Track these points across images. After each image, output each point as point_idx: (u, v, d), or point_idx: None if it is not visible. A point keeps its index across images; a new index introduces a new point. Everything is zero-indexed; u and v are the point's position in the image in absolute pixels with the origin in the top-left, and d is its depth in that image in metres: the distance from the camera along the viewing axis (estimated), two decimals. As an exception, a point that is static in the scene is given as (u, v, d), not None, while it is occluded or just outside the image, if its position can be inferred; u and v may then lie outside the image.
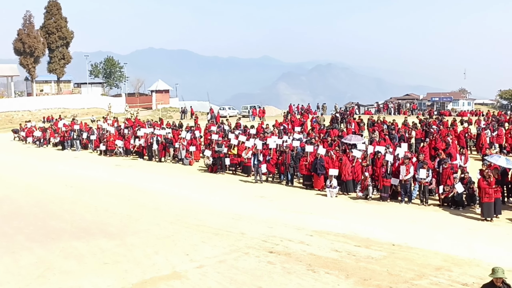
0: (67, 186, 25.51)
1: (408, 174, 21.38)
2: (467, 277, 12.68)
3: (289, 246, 15.42)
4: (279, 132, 33.69)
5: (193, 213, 19.87)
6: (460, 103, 76.48)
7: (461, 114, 55.24)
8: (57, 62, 72.36)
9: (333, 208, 20.89)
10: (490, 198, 18.66)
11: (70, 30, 73.60)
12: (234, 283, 12.53)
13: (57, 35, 71.33)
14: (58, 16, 71.99)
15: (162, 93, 77.56)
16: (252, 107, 60.90)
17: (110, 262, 14.20)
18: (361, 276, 12.88)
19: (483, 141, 29.43)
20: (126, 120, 47.46)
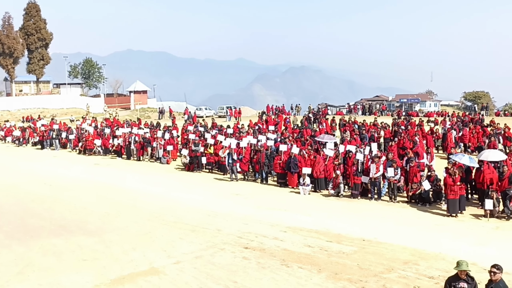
0: (46, 185, 25.12)
1: (377, 172, 21.56)
2: (433, 270, 12.84)
3: (264, 242, 15.42)
4: (254, 132, 33.69)
5: (170, 210, 19.76)
6: (427, 104, 77.31)
7: (428, 115, 55.86)
8: (36, 63, 71.28)
9: (306, 205, 20.97)
10: (455, 195, 18.92)
11: (49, 31, 72.53)
12: (211, 278, 12.50)
13: (36, 37, 70.26)
14: (37, 18, 70.88)
15: (140, 94, 76.97)
16: (228, 107, 60.77)
17: (88, 258, 14.04)
18: (332, 270, 12.94)
19: (448, 140, 29.84)
20: (105, 120, 46.97)
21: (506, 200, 18.59)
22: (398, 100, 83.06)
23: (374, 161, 21.92)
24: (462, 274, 8.64)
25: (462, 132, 31.89)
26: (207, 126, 38.53)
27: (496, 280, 8.43)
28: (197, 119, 50.16)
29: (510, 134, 30.13)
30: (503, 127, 31.62)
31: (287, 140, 27.98)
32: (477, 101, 76.95)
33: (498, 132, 30.58)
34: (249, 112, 67.08)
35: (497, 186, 19.36)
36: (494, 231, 16.95)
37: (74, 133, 38.58)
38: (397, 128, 32.37)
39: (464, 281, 8.61)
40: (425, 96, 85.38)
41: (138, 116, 56.88)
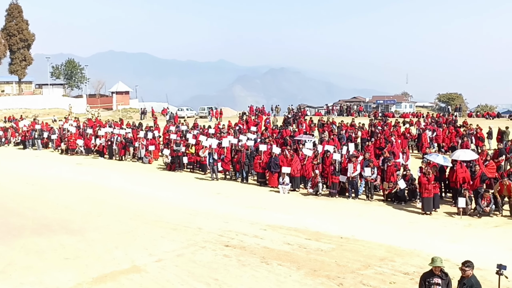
0: (29, 184, 24.80)
1: (355, 172, 21.69)
2: (409, 267, 12.96)
3: (244, 240, 15.43)
4: (234, 132, 33.66)
5: (152, 209, 19.65)
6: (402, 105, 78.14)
7: (403, 116, 56.28)
8: (19, 63, 70.37)
9: (285, 203, 21.01)
10: (430, 193, 19.13)
11: (31, 32, 71.64)
12: (192, 275, 12.47)
13: (18, 37, 69.35)
14: (19, 19, 69.99)
15: (122, 95, 76.41)
16: (209, 108, 60.60)
17: (71, 257, 13.90)
18: (311, 267, 12.99)
19: (423, 140, 30.14)
20: (87, 120, 46.53)
21: (478, 199, 18.83)
22: (374, 101, 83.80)
23: (351, 160, 22.04)
24: (436, 270, 8.73)
25: (436, 132, 32.26)
26: (188, 126, 38.38)
27: (467, 276, 8.54)
28: (178, 119, 49.92)
29: (482, 134, 30.55)
30: (475, 127, 32.04)
31: (267, 140, 28.03)
32: (450, 103, 77.91)
33: (471, 133, 30.97)
34: (230, 113, 66.94)
35: (469, 185, 19.63)
36: (466, 229, 17.16)
37: (56, 133, 38.17)
38: (373, 128, 32.63)
39: (438, 277, 8.70)
40: (400, 98, 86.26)
41: (120, 117, 56.39)
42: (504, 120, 50.57)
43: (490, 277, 10.56)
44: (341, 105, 71.25)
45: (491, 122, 46.02)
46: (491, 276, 10.36)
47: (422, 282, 8.89)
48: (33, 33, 72.19)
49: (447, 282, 8.71)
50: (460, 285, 8.62)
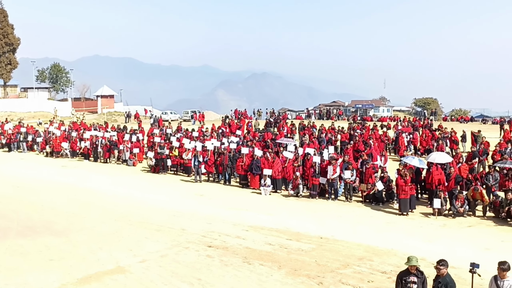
0: (14, 187, 24.46)
1: (334, 174, 21.78)
2: (386, 266, 13.05)
3: (227, 241, 15.40)
4: (217, 135, 33.63)
5: (136, 210, 19.53)
6: (380, 109, 78.47)
7: (381, 119, 56.71)
8: (4, 67, 69.34)
9: (267, 205, 21.03)
10: (406, 194, 19.29)
11: (16, 36, 70.64)
12: (175, 276, 12.41)
13: (3, 41, 68.36)
14: (4, 23, 68.97)
15: (107, 98, 75.76)
16: (193, 112, 60.44)
17: (55, 258, 13.74)
18: (292, 267, 13.02)
19: (400, 143, 30.40)
20: (72, 123, 46.08)
21: (452, 199, 19.04)
22: (353, 105, 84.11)
23: (331, 163, 22.14)
24: (412, 269, 8.80)
25: (412, 135, 32.55)
26: (172, 129, 38.23)
27: (442, 275, 8.62)
28: (162, 122, 49.68)
29: (457, 138, 30.89)
30: (450, 131, 32.41)
31: (250, 143, 28.04)
32: (426, 107, 78.57)
33: (446, 136, 31.30)
34: (213, 116, 66.81)
35: (444, 187, 19.84)
36: (441, 229, 17.33)
37: (42, 136, 37.76)
38: (352, 132, 32.79)
39: (414, 275, 8.77)
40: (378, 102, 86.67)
41: (105, 120, 55.95)
42: (477, 124, 51.31)
43: (464, 275, 10.68)
44: (321, 109, 71.60)
45: (465, 126, 46.60)
46: (465, 275, 10.47)
47: (398, 281, 8.96)
48: (19, 37, 71.24)
49: (422, 280, 8.79)
50: (435, 283, 8.69)
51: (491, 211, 18.80)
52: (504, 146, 26.09)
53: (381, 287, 11.62)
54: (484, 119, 60.28)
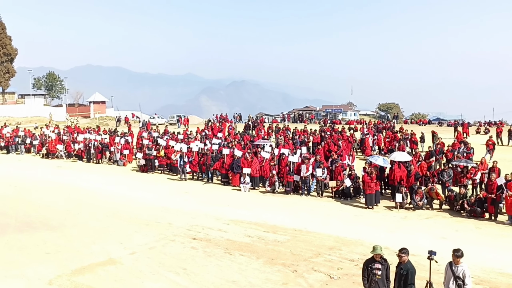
0: (12, 186, 24.01)
1: (307, 172, 21.87)
2: (354, 254, 13.15)
3: (210, 233, 15.36)
4: (201, 138, 33.51)
5: (126, 207, 19.34)
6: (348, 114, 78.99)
7: (349, 122, 57.05)
8: (2, 75, 68.11)
9: (246, 200, 21.01)
10: (372, 190, 19.47)
11: (14, 47, 69.48)
12: (163, 266, 12.33)
13: (2, 52, 67.15)
14: (3, 35, 67.76)
15: (99, 104, 74.90)
16: (178, 116, 60.12)
17: (51, 252, 13.53)
18: (269, 256, 13.04)
19: (366, 144, 30.65)
20: (67, 127, 45.43)
21: (412, 194, 19.28)
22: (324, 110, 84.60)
23: (304, 162, 22.22)
24: (377, 257, 8.87)
25: (377, 137, 32.85)
26: (159, 132, 37.96)
27: (404, 262, 8.71)
28: (150, 126, 49.27)
29: (416, 139, 31.18)
30: (410, 132, 32.79)
31: (231, 145, 28.01)
32: (389, 111, 79.51)
33: (406, 137, 31.61)
34: (197, 120, 66.39)
35: (405, 183, 20.08)
36: (403, 220, 17.52)
37: (38, 139, 37.19)
38: (323, 134, 32.95)
39: (379, 263, 8.84)
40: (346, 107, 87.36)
41: (97, 124, 55.20)
42: (434, 126, 52.01)
43: (423, 262, 10.80)
44: (295, 113, 71.73)
45: (423, 128, 47.22)
46: (423, 261, 10.59)
47: (364, 268, 9.02)
48: (16, 48, 70.08)
49: (386, 267, 8.86)
50: (398, 269, 8.78)
51: (446, 204, 19.08)
52: (457, 146, 26.46)
53: (349, 273, 11.69)
54: (440, 122, 61.10)
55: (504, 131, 36.33)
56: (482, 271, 11.83)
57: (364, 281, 8.97)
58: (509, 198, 16.81)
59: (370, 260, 8.98)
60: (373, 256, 8.92)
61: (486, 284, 11.05)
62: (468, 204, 17.91)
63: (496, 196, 17.45)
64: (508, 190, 16.93)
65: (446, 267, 8.80)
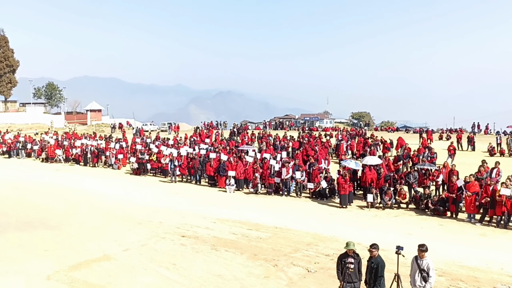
0: (13, 188, 23.60)
1: (287, 174, 21.91)
2: (329, 250, 13.20)
3: (197, 231, 15.27)
4: (190, 143, 33.36)
5: (121, 207, 19.14)
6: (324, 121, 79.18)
7: (325, 129, 57.24)
8: (5, 85, 67.08)
9: (231, 201, 20.95)
10: (346, 191, 19.57)
11: (16, 59, 68.50)
12: (154, 261, 12.22)
13: (4, 64, 66.16)
14: (5, 48, 66.79)
15: (96, 112, 74.11)
16: (169, 123, 59.82)
17: (50, 249, 13.32)
18: (252, 252, 13.02)
19: (340, 149, 30.83)
20: (65, 133, 44.85)
21: (382, 195, 19.43)
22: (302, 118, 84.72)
23: (284, 165, 22.26)
24: (350, 252, 8.91)
25: (350, 142, 33.07)
26: (151, 138, 37.71)
27: (374, 256, 8.77)
28: (144, 132, 48.90)
29: (388, 144, 31.33)
30: (380, 139, 33.09)
31: (217, 150, 27.94)
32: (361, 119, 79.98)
33: (376, 143, 31.92)
34: (186, 127, 66.04)
35: (376, 184, 20.24)
36: (373, 218, 17.65)
37: (38, 144, 36.62)
38: (302, 140, 33.08)
39: (351, 257, 8.89)
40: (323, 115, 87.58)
41: (93, 131, 54.56)
42: (401, 133, 52.55)
43: (392, 256, 10.89)
44: (276, 121, 71.84)
45: (391, 134, 47.69)
46: (392, 255, 10.67)
47: (338, 262, 9.06)
48: (18, 60, 69.07)
49: (358, 261, 8.91)
50: (369, 263, 8.83)
51: (413, 204, 19.28)
52: (422, 151, 26.76)
53: (325, 267, 11.73)
54: (407, 129, 61.73)
55: (463, 137, 36.89)
56: (444, 264, 11.97)
57: (338, 274, 9.00)
58: (468, 198, 17.06)
59: (344, 254, 9.02)
60: (346, 251, 8.96)
61: (448, 276, 11.18)
62: (432, 203, 18.12)
63: (456, 196, 17.69)
64: (467, 190, 17.18)
65: (412, 260, 8.88)
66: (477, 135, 40.67)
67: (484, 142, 35.19)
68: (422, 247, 8.71)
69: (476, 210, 16.98)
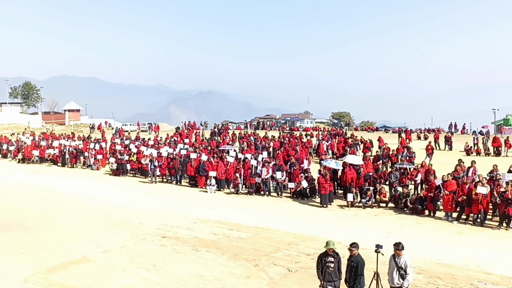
0: (-12, 189, 23.09)
1: (268, 174, 21.96)
2: (310, 249, 13.25)
3: (178, 232, 15.18)
4: (169, 143, 33.12)
5: (100, 208, 18.88)
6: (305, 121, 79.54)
7: (306, 129, 57.51)
8: (-20, 85, 65.67)
9: (212, 201, 20.89)
10: (326, 190, 19.71)
11: (-9, 58, 67.20)
12: (134, 263, 12.09)
13: (-21, 62, 64.84)
14: (-20, 46, 65.45)
15: (74, 112, 72.94)
16: (149, 123, 59.30)
17: (27, 251, 13.05)
18: (233, 252, 12.99)
19: (321, 149, 31.00)
20: (42, 133, 44.04)
21: (362, 194, 19.63)
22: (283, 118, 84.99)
23: (265, 165, 22.30)
24: (329, 251, 8.95)
25: (330, 142, 33.29)
26: (131, 139, 37.32)
27: (354, 255, 8.84)
28: (123, 133, 48.37)
29: (369, 144, 31.61)
30: (360, 139, 33.39)
31: (198, 150, 27.81)
32: (341, 119, 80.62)
33: (356, 143, 32.21)
34: (167, 128, 65.58)
35: (356, 183, 20.42)
36: (353, 218, 17.81)
37: (14, 145, 35.90)
38: (282, 140, 33.17)
39: (331, 256, 8.93)
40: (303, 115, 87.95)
41: (72, 131, 53.76)
42: (381, 133, 53.14)
43: (371, 255, 10.99)
44: (257, 121, 71.89)
45: (371, 134, 48.19)
46: (371, 254, 10.77)
47: (319, 261, 9.09)
48: (-7, 59, 67.79)
49: (338, 260, 8.95)
50: (349, 262, 8.89)
51: (392, 203, 19.52)
52: (401, 150, 27.11)
53: (306, 266, 11.78)
54: (386, 129, 62.48)
55: (440, 137, 37.50)
56: (422, 261, 12.15)
57: (318, 273, 9.04)
58: (446, 197, 17.36)
59: (324, 254, 9.06)
60: (326, 250, 9.00)
61: (426, 273, 11.35)
62: (411, 202, 18.38)
63: (434, 195, 17.98)
64: (445, 189, 17.48)
65: (390, 259, 8.98)
66: (454, 135, 41.41)
67: (461, 142, 35.82)
68: (398, 245, 8.81)
69: (453, 208, 17.29)
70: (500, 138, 34.40)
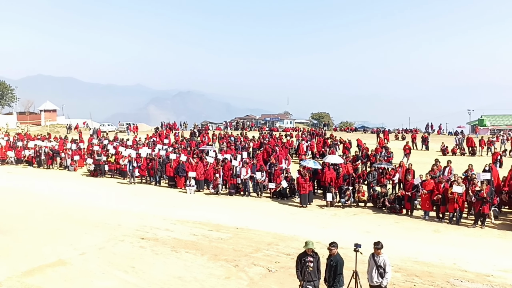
0: (-39, 191, 22.48)
1: (247, 175, 21.95)
2: (289, 249, 13.29)
3: (157, 233, 15.05)
4: (149, 144, 32.83)
5: (77, 210, 18.58)
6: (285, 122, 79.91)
7: (285, 130, 57.69)
8: (-48, 84, 63.80)
9: (191, 202, 20.78)
10: (306, 190, 19.80)
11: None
12: (112, 265, 11.94)
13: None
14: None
15: (50, 112, 71.62)
16: (127, 124, 58.67)
17: (2, 255, 12.75)
18: (213, 253, 12.94)
19: (300, 149, 31.15)
20: (17, 134, 43.10)
21: (341, 194, 19.79)
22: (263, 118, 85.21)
23: (244, 165, 22.29)
24: (309, 251, 8.99)
25: (310, 143, 33.49)
26: (109, 139, 36.85)
27: (333, 254, 8.90)
28: (101, 133, 47.70)
29: (348, 145, 31.88)
30: (339, 139, 33.68)
31: (177, 150, 27.64)
32: (321, 120, 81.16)
33: (336, 143, 32.47)
34: (145, 128, 64.99)
35: (335, 183, 20.58)
36: (333, 217, 17.93)
37: (-13, 146, 34.98)
38: (262, 140, 33.22)
39: (311, 256, 8.97)
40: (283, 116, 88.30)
41: (48, 131, 52.77)
42: (359, 133, 53.73)
43: (350, 254, 11.05)
44: (237, 122, 71.84)
45: (350, 134, 48.67)
46: (350, 253, 10.82)
47: (298, 261, 9.12)
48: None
49: (317, 259, 9.00)
50: (328, 261, 8.95)
51: (370, 202, 19.73)
52: (379, 150, 27.44)
53: (285, 266, 11.81)
54: (365, 129, 63.16)
55: (418, 137, 38.10)
56: (400, 260, 12.31)
57: (297, 273, 9.07)
58: (424, 196, 17.64)
59: (303, 254, 9.09)
60: (305, 250, 9.05)
61: (404, 271, 11.51)
62: (389, 201, 18.62)
63: (412, 194, 18.25)
64: (423, 189, 17.75)
65: (369, 257, 9.08)
66: (430, 135, 42.12)
67: (437, 142, 36.46)
68: (377, 244, 8.92)
69: (431, 207, 17.58)
70: (475, 138, 35.14)
